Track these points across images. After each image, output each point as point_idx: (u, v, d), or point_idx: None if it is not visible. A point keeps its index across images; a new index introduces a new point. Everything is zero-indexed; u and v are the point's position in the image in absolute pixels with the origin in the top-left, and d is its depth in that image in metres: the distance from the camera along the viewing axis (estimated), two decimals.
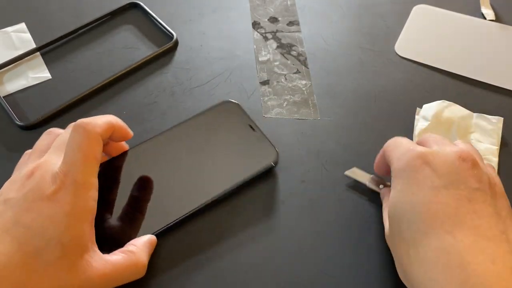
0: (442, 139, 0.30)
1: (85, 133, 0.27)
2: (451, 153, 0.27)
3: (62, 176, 0.25)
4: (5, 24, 0.49)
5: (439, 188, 0.26)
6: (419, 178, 0.26)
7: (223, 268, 0.32)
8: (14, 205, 0.25)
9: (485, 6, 0.50)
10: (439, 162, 0.26)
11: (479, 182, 0.26)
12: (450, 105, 0.40)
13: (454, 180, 0.26)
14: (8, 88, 0.43)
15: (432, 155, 0.27)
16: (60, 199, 0.25)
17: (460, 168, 0.26)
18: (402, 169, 0.28)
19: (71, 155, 0.26)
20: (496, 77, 0.44)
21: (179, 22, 0.49)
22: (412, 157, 0.27)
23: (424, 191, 0.26)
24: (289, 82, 0.44)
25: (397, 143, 0.30)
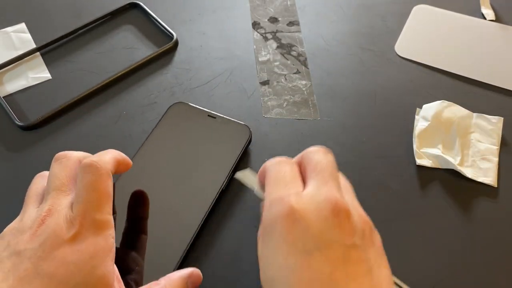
0: (324, 167, 0.27)
1: (97, 172, 0.26)
2: (325, 206, 0.24)
3: (80, 218, 0.24)
4: (5, 24, 0.49)
5: (312, 251, 0.23)
6: (290, 240, 0.24)
7: (221, 268, 0.32)
8: (31, 256, 0.23)
9: (485, 6, 0.50)
10: (310, 220, 0.24)
11: (353, 236, 0.24)
12: (450, 105, 0.40)
13: (327, 239, 0.24)
14: (8, 88, 0.43)
15: (304, 212, 0.24)
16: (82, 241, 0.24)
17: (334, 224, 0.24)
18: (272, 227, 0.25)
19: (86, 195, 0.25)
20: (496, 77, 0.44)
21: (179, 22, 0.49)
22: (282, 215, 0.24)
23: (296, 256, 0.24)
24: (289, 82, 0.44)
25: (276, 175, 0.28)
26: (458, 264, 0.32)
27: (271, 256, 0.25)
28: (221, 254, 0.33)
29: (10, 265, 0.23)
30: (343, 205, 0.24)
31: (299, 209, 0.24)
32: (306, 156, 0.28)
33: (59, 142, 0.39)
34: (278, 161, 0.29)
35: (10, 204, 0.36)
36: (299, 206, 0.24)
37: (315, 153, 0.28)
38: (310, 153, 0.28)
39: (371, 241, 0.25)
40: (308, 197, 0.25)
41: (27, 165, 0.38)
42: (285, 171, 0.28)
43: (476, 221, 0.35)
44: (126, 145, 0.39)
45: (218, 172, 0.35)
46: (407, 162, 0.38)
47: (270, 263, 0.25)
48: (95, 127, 0.40)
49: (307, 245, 0.24)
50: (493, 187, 0.36)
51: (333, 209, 0.24)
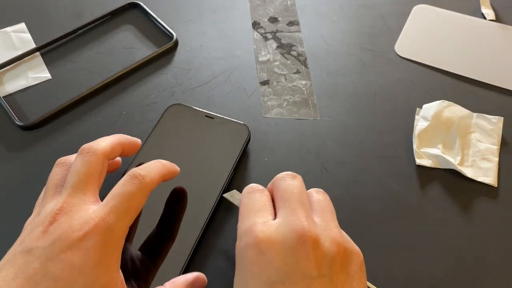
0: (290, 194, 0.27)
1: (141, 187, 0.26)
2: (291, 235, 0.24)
3: (96, 221, 0.24)
4: (5, 24, 0.49)
5: (275, 284, 0.24)
6: (255, 272, 0.24)
7: (222, 268, 0.32)
8: (40, 255, 0.23)
9: (485, 6, 0.50)
10: (276, 252, 0.24)
11: (318, 268, 0.24)
12: (450, 105, 0.40)
13: (292, 272, 0.24)
14: (8, 88, 0.43)
15: (269, 244, 0.24)
16: (90, 247, 0.23)
17: (299, 255, 0.24)
18: (240, 258, 0.26)
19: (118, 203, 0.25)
20: (496, 77, 0.44)
21: (179, 22, 0.49)
22: (248, 246, 0.25)
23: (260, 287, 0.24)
24: (289, 82, 0.44)
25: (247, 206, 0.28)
26: (458, 264, 0.32)
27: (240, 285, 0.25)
28: (222, 255, 0.33)
29: (21, 262, 0.23)
30: (309, 234, 0.24)
31: (265, 240, 0.24)
32: (275, 184, 0.28)
33: (59, 142, 0.39)
34: (250, 190, 0.29)
35: (10, 204, 0.36)
36: (265, 236, 0.25)
37: (282, 179, 0.28)
38: (278, 181, 0.28)
39: (342, 266, 0.25)
40: (275, 227, 0.25)
41: (27, 165, 0.38)
42: (255, 199, 0.28)
43: (476, 221, 0.35)
44: None
45: (218, 172, 0.35)
46: (407, 162, 0.38)
47: None
48: (95, 127, 0.40)
49: (271, 278, 0.24)
50: (493, 187, 0.36)
51: (298, 239, 0.24)
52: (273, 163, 0.38)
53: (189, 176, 0.35)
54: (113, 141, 0.29)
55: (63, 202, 0.25)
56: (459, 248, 0.33)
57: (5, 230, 0.34)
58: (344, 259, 0.25)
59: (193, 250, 0.31)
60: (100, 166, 0.27)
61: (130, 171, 0.26)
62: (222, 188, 0.34)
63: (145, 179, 0.26)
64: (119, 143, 0.30)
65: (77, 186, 0.26)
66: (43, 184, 0.31)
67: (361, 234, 0.34)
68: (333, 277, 0.24)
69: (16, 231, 0.34)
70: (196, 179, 0.35)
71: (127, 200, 0.25)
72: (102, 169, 0.28)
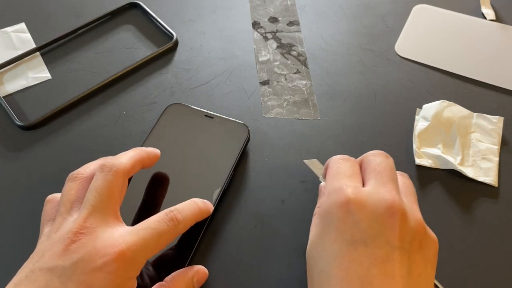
0: (384, 169, 0.28)
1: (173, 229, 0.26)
2: (381, 204, 0.25)
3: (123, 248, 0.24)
4: (5, 24, 0.49)
5: (357, 244, 0.25)
6: (340, 228, 0.25)
7: (223, 267, 0.32)
8: (61, 274, 0.23)
9: (485, 6, 0.50)
10: (365, 214, 0.25)
11: (401, 240, 0.25)
12: (450, 105, 0.40)
13: (375, 236, 0.25)
14: (8, 88, 0.43)
15: (359, 204, 0.26)
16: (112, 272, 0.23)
17: (386, 223, 0.25)
18: (327, 212, 0.27)
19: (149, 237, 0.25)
20: (496, 77, 0.44)
21: (179, 22, 0.49)
22: (338, 203, 0.26)
23: (342, 244, 0.25)
24: (289, 82, 0.44)
25: (336, 170, 0.29)
26: (458, 264, 0.32)
27: (319, 238, 0.26)
28: (222, 255, 0.33)
29: (41, 280, 0.23)
30: (399, 207, 0.25)
31: (355, 201, 0.26)
32: (366, 159, 0.30)
33: (59, 142, 0.39)
34: (341, 158, 0.30)
35: (10, 204, 0.36)
36: (356, 198, 0.26)
37: (376, 155, 0.29)
38: (370, 156, 0.30)
39: (420, 246, 0.26)
40: (365, 193, 0.26)
41: (27, 165, 0.38)
42: (346, 166, 0.29)
43: (477, 221, 0.35)
44: (126, 145, 0.39)
45: (218, 172, 0.35)
46: (407, 162, 0.38)
47: (317, 243, 0.26)
48: (95, 127, 0.40)
49: (354, 237, 0.25)
50: (493, 187, 0.36)
51: (388, 208, 0.25)
52: (273, 163, 0.38)
53: (188, 175, 0.35)
54: (134, 158, 0.29)
55: (84, 221, 0.25)
56: (460, 248, 0.33)
57: (5, 230, 0.34)
58: (423, 240, 0.26)
59: (194, 250, 0.31)
60: (121, 185, 0.27)
61: (169, 211, 0.27)
62: (222, 188, 0.34)
63: (180, 225, 0.27)
64: (139, 159, 0.30)
65: (98, 206, 0.26)
66: (43, 183, 0.31)
67: None
68: (411, 254, 0.25)
69: (17, 230, 0.34)
70: (195, 178, 0.35)
71: (157, 238, 0.25)
72: (123, 188, 0.27)
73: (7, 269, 0.26)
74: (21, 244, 0.33)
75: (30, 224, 0.33)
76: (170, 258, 0.31)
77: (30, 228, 0.32)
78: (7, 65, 0.44)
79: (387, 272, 0.24)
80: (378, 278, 0.24)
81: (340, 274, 0.24)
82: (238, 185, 0.36)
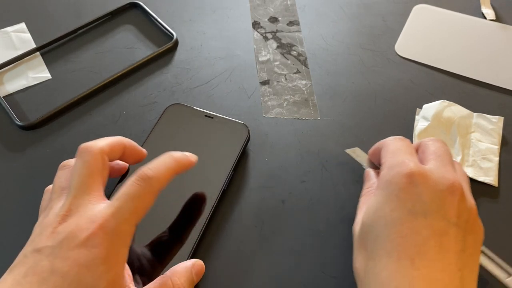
0: (443, 153, 0.29)
1: (149, 188, 0.26)
2: (443, 181, 0.27)
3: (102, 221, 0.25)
4: (5, 24, 0.49)
5: (417, 214, 0.26)
6: (402, 197, 0.26)
7: (223, 267, 0.32)
8: (49, 253, 0.24)
9: (485, 6, 0.50)
10: (427, 187, 0.26)
11: (458, 217, 0.26)
12: (450, 105, 0.40)
13: (435, 210, 0.26)
14: (8, 88, 0.43)
15: (422, 178, 0.27)
16: (97, 245, 0.24)
17: (445, 200, 0.26)
18: (389, 182, 0.27)
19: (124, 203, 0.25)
20: (496, 77, 0.44)
21: (179, 22, 0.49)
22: (401, 174, 0.27)
23: (402, 212, 0.26)
24: (289, 82, 0.44)
25: (395, 148, 0.30)
26: None
27: (379, 206, 0.27)
28: (222, 255, 0.33)
29: (31, 261, 0.24)
30: (459, 187, 0.27)
31: (419, 175, 0.27)
32: (424, 143, 0.31)
33: (59, 142, 0.39)
34: (397, 138, 0.31)
35: (11, 203, 0.36)
36: (419, 172, 0.27)
37: (434, 141, 0.30)
38: (428, 141, 0.31)
39: (473, 229, 0.27)
40: (428, 168, 0.27)
41: (27, 165, 0.38)
42: (404, 145, 0.30)
43: None
44: None
45: (218, 172, 0.35)
46: None
47: (375, 210, 0.27)
48: (95, 127, 0.40)
49: (415, 207, 0.26)
50: (494, 186, 0.36)
51: (449, 187, 0.26)
52: (273, 163, 0.38)
53: (188, 175, 0.35)
54: (111, 140, 0.29)
55: (70, 203, 0.26)
56: None
57: (6, 230, 0.34)
58: (475, 224, 0.27)
59: (194, 249, 0.31)
60: (100, 164, 0.28)
61: (138, 170, 0.27)
62: (222, 188, 0.34)
63: (153, 180, 0.26)
64: (118, 142, 0.30)
65: (80, 187, 0.27)
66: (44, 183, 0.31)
67: None
68: (466, 233, 0.26)
69: (17, 230, 0.34)
70: (195, 178, 0.35)
71: (132, 201, 0.26)
72: (103, 167, 0.28)
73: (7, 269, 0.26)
74: (21, 244, 0.33)
75: (30, 224, 0.33)
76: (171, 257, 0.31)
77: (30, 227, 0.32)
78: (7, 65, 0.44)
79: (443, 245, 0.25)
80: (434, 250, 0.25)
81: (397, 240, 0.25)
82: (238, 185, 0.36)
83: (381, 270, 0.26)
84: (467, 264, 0.26)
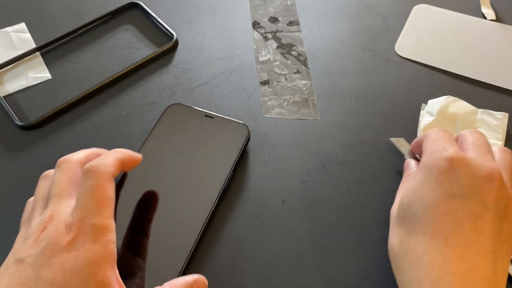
0: (482, 143, 0.30)
1: (96, 177, 0.26)
2: (482, 168, 0.27)
3: (78, 223, 0.25)
4: (5, 24, 0.49)
5: (455, 196, 0.27)
6: (440, 179, 0.27)
7: (222, 267, 0.32)
8: (33, 262, 0.24)
9: (485, 6, 0.50)
10: (466, 172, 0.27)
11: (496, 204, 0.26)
12: (456, 101, 0.40)
13: (472, 194, 0.27)
14: (8, 88, 0.43)
15: (462, 163, 0.27)
16: (79, 247, 0.24)
17: (484, 186, 0.27)
18: (429, 166, 0.28)
19: (85, 201, 0.25)
20: (497, 77, 0.44)
21: (179, 22, 0.49)
22: (442, 158, 0.28)
23: (440, 192, 0.27)
24: (289, 82, 0.44)
25: (436, 137, 0.31)
26: None
27: (418, 186, 0.28)
28: (223, 255, 0.33)
29: (14, 271, 0.24)
30: (498, 174, 0.27)
31: (459, 159, 0.27)
32: (463, 134, 0.31)
33: (59, 142, 0.39)
34: (438, 129, 0.32)
35: (10, 203, 0.36)
36: (459, 157, 0.28)
37: (472, 132, 0.31)
38: (467, 133, 0.31)
39: (509, 218, 0.27)
40: (468, 156, 0.28)
41: (27, 165, 0.38)
42: (445, 135, 0.31)
43: None
44: (126, 145, 0.39)
45: (218, 172, 0.35)
46: None
47: (413, 191, 0.28)
48: (95, 127, 0.40)
49: (453, 190, 0.27)
50: None
51: (488, 174, 0.27)
52: (273, 163, 0.38)
53: (188, 176, 0.35)
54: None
55: (51, 211, 0.26)
56: None
57: (5, 230, 0.34)
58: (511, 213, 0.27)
59: (193, 250, 0.31)
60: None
61: (83, 168, 0.27)
62: (222, 188, 0.34)
63: (99, 167, 0.26)
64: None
65: (60, 194, 0.27)
66: None
67: (362, 235, 0.34)
68: (502, 219, 0.26)
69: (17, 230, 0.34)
70: (195, 179, 0.35)
71: (92, 195, 0.25)
72: None
73: None
74: None
75: None
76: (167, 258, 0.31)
77: None
78: (7, 65, 0.44)
79: (478, 227, 0.26)
80: (468, 231, 0.26)
81: (433, 219, 0.27)
82: (238, 185, 0.36)
83: (415, 245, 0.27)
84: (500, 249, 0.26)
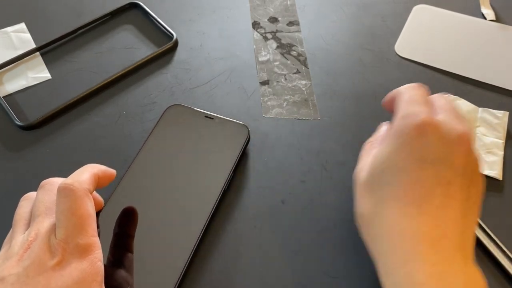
0: (451, 108, 0.30)
1: (73, 194, 0.25)
2: (452, 132, 0.27)
3: (62, 244, 0.24)
4: (5, 24, 0.49)
5: (426, 163, 0.27)
6: (412, 146, 0.27)
7: (222, 267, 0.32)
8: (14, 282, 0.23)
9: (485, 6, 0.50)
10: (436, 138, 0.27)
11: (465, 168, 0.27)
12: (456, 99, 0.40)
13: (443, 160, 0.27)
14: (8, 88, 0.43)
15: (432, 128, 0.27)
16: (66, 267, 0.24)
17: (454, 151, 0.27)
18: (400, 132, 0.28)
19: (65, 220, 0.25)
20: (496, 77, 0.44)
21: (179, 22, 0.49)
22: (412, 125, 0.28)
23: (411, 161, 0.27)
24: (289, 82, 0.44)
25: (409, 97, 0.30)
26: None
27: (390, 155, 0.28)
28: (222, 255, 0.33)
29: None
30: (468, 140, 0.27)
31: (431, 125, 0.27)
32: (436, 97, 0.31)
33: (59, 142, 0.39)
34: (412, 85, 0.32)
35: (10, 204, 0.35)
36: (431, 122, 0.27)
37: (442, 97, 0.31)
38: (437, 96, 0.31)
39: (477, 180, 0.28)
40: (439, 119, 0.28)
41: (27, 165, 0.38)
42: (419, 94, 0.31)
43: (481, 214, 0.34)
44: (126, 145, 0.39)
45: (218, 173, 0.35)
46: None
47: (386, 159, 0.28)
48: (95, 127, 0.40)
49: (423, 156, 0.27)
50: (498, 180, 0.37)
51: (458, 138, 0.27)
52: (273, 163, 0.38)
53: (188, 177, 0.35)
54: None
55: (35, 229, 0.25)
56: None
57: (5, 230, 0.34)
58: (478, 176, 0.28)
59: (194, 250, 0.31)
60: None
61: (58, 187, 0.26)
62: (222, 189, 0.34)
63: (74, 185, 0.26)
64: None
65: (44, 212, 0.26)
66: None
67: None
68: (470, 183, 0.27)
69: None
70: (195, 179, 0.35)
71: (72, 214, 0.25)
72: None
73: None
74: None
75: None
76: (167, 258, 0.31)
77: None
78: (7, 65, 0.44)
79: (450, 194, 0.26)
80: (440, 198, 0.26)
81: (406, 187, 0.27)
82: (238, 185, 0.36)
83: (388, 214, 0.27)
84: (469, 213, 0.27)
